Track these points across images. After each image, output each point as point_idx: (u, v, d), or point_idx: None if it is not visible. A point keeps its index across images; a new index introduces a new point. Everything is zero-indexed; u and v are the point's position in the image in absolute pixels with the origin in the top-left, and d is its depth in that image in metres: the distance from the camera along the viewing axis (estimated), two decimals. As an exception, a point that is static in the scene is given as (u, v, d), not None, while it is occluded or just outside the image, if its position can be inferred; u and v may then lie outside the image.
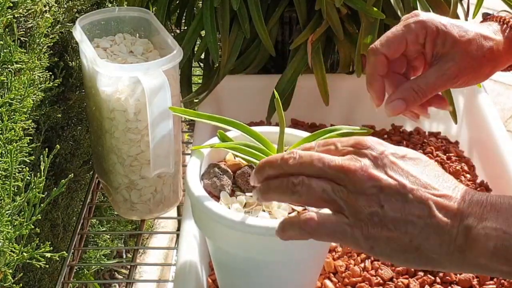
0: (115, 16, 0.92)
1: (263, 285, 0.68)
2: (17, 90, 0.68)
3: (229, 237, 0.63)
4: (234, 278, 0.69)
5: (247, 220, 0.60)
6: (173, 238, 1.73)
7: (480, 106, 0.98)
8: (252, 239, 0.61)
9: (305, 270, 0.69)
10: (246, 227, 0.60)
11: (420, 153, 0.96)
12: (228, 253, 0.67)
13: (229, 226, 0.61)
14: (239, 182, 0.66)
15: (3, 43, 0.69)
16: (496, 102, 2.31)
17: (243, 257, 0.65)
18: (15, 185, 0.63)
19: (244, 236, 0.61)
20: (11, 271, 0.63)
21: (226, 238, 0.64)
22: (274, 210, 0.63)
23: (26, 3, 0.76)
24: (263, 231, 0.60)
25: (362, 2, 0.91)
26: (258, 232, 0.60)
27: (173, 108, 0.73)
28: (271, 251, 0.63)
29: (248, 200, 0.64)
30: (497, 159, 0.88)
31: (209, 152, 0.69)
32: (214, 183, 0.65)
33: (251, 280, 0.68)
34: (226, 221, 0.61)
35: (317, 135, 0.66)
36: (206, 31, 0.94)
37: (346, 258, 0.81)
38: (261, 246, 0.62)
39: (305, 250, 0.64)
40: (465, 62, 0.68)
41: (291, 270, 0.67)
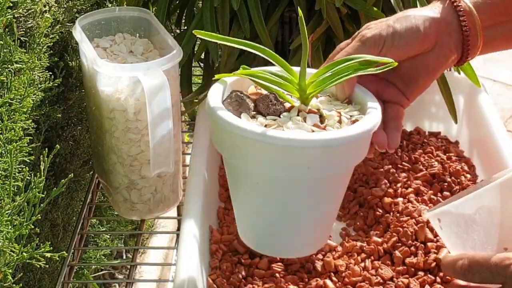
0: (115, 16, 0.92)
1: (282, 207, 0.65)
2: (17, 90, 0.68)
3: (251, 152, 0.61)
4: (252, 202, 0.67)
5: (268, 132, 0.59)
6: (173, 238, 1.72)
7: (480, 106, 0.98)
8: (272, 151, 0.60)
9: (328, 192, 0.66)
10: (267, 138, 0.58)
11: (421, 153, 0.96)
12: (249, 172, 0.64)
13: (250, 138, 0.59)
14: (260, 106, 0.64)
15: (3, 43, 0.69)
16: (496, 102, 2.31)
17: (264, 174, 0.63)
18: (15, 185, 0.63)
19: (266, 149, 0.60)
20: (11, 271, 0.63)
21: (247, 153, 0.62)
22: (293, 130, 0.62)
23: (26, 3, 0.76)
24: (285, 142, 0.58)
25: (362, 2, 0.91)
26: (279, 143, 0.58)
27: (197, 32, 0.69)
28: (292, 166, 0.61)
29: (269, 122, 0.63)
30: (497, 159, 0.88)
31: (231, 82, 0.67)
32: (236, 106, 0.64)
33: (269, 203, 0.66)
34: (246, 132, 0.59)
35: (337, 63, 0.65)
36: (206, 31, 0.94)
37: (347, 258, 0.81)
38: (283, 160, 0.61)
39: (328, 168, 0.62)
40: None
41: (312, 190, 0.64)
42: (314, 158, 0.60)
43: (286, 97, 0.65)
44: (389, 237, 0.82)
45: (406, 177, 0.92)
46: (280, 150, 0.59)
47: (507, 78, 2.45)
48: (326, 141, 0.59)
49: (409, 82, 0.69)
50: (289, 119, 0.63)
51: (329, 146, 0.59)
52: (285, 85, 0.65)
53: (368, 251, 0.81)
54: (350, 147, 0.61)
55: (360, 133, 0.60)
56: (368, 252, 0.81)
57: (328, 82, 0.64)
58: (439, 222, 0.68)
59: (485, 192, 0.65)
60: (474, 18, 0.67)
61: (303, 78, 0.65)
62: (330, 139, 0.59)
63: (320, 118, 0.64)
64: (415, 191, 0.89)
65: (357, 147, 0.62)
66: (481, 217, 0.65)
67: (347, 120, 0.63)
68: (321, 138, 0.59)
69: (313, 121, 0.62)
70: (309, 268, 0.80)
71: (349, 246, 0.82)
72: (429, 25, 0.67)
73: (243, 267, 0.80)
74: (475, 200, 0.65)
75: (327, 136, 0.60)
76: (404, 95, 0.69)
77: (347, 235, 0.86)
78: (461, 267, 0.64)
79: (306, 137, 0.59)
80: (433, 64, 0.68)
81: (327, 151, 0.60)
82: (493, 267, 0.62)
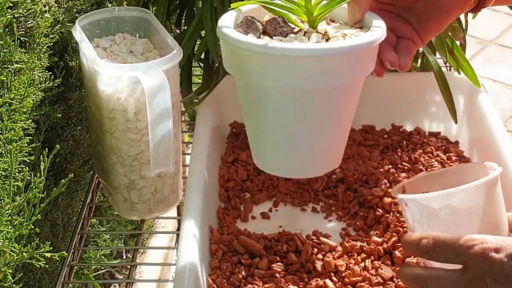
0: (115, 16, 0.92)
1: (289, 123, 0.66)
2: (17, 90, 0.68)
3: (251, 64, 0.63)
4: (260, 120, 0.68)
5: (264, 42, 0.61)
6: (173, 238, 1.72)
7: (480, 106, 0.98)
8: (270, 61, 0.61)
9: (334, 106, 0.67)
10: (263, 48, 0.60)
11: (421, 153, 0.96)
12: (258, 88, 0.65)
13: (249, 49, 0.61)
14: (268, 28, 0.65)
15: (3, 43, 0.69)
16: (496, 102, 2.31)
17: (266, 87, 0.64)
18: (15, 185, 0.63)
19: (263, 59, 0.61)
20: (11, 271, 0.63)
21: (249, 66, 0.63)
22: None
23: (26, 3, 0.76)
24: (280, 52, 0.60)
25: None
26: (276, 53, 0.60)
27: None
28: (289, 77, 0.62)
29: (274, 40, 0.64)
30: (497, 159, 0.88)
31: (246, 11, 0.68)
32: (245, 27, 0.65)
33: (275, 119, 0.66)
34: (245, 44, 0.61)
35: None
36: (206, 31, 0.94)
37: (347, 258, 0.81)
38: (280, 71, 0.62)
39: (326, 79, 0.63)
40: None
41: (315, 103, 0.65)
42: (310, 68, 0.61)
43: (295, 22, 0.66)
44: (389, 237, 0.82)
45: (406, 177, 0.92)
46: (277, 60, 0.61)
47: (507, 78, 2.45)
48: (321, 51, 0.60)
49: (424, 21, 0.69)
50: (295, 39, 0.64)
51: (324, 55, 0.60)
52: (294, 10, 0.66)
53: (368, 251, 0.81)
54: (348, 58, 0.62)
55: (357, 44, 0.61)
56: (368, 252, 0.81)
57: (335, 2, 0.64)
58: (405, 206, 0.69)
59: (454, 193, 0.66)
60: None
61: (309, 0, 0.65)
62: (325, 48, 0.60)
63: (326, 39, 0.64)
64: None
65: (356, 58, 0.63)
66: (445, 214, 0.66)
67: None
68: (315, 47, 0.60)
69: (315, 40, 0.63)
70: (309, 268, 0.80)
71: (349, 246, 0.82)
72: None
73: (243, 267, 0.80)
74: (443, 197, 0.66)
75: (323, 46, 0.60)
76: (418, 34, 0.69)
77: (347, 235, 0.86)
78: (425, 245, 0.64)
79: (301, 47, 0.60)
80: (448, 5, 0.68)
81: (323, 61, 0.60)
82: (457, 247, 0.62)
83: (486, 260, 0.60)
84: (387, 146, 1.00)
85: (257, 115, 0.67)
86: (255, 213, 0.91)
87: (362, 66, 0.64)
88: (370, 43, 0.62)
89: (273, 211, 0.92)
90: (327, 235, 0.86)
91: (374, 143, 1.00)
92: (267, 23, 0.66)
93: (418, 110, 1.04)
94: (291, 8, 0.66)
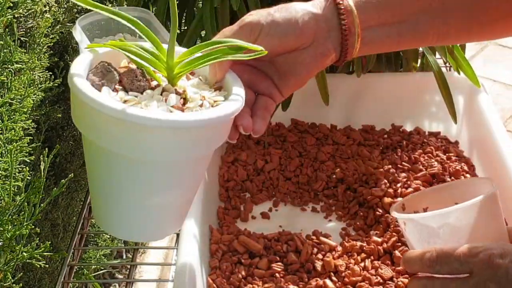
0: (115, 16, 0.92)
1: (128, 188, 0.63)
2: (17, 90, 0.68)
3: (91, 120, 0.59)
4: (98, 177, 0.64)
5: (107, 102, 0.56)
6: (173, 238, 1.72)
7: (480, 106, 0.98)
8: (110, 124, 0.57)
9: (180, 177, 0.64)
10: (104, 108, 0.56)
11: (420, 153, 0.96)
12: (106, 152, 0.61)
13: (90, 105, 0.56)
14: (124, 80, 0.62)
15: (3, 43, 0.69)
16: (496, 102, 2.31)
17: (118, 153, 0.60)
18: (15, 185, 0.63)
19: (102, 119, 0.57)
20: (11, 271, 0.63)
21: (103, 129, 0.59)
22: (152, 109, 0.59)
23: (26, 3, 0.76)
24: (119, 115, 0.56)
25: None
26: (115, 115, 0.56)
27: None
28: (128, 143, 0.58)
29: (129, 97, 0.60)
30: (497, 159, 0.88)
31: (103, 53, 0.64)
32: (100, 77, 0.61)
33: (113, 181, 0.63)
34: (87, 98, 0.56)
35: (209, 44, 0.63)
36: (206, 31, 0.94)
37: (346, 258, 0.81)
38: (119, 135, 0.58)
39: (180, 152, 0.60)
40: None
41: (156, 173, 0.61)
42: (151, 138, 0.57)
43: (154, 75, 0.63)
44: (389, 237, 0.82)
45: (406, 177, 0.92)
46: (115, 122, 0.57)
47: (507, 78, 2.45)
48: (175, 123, 0.56)
49: (284, 77, 0.68)
50: (152, 97, 0.61)
51: (178, 128, 0.57)
52: (154, 62, 0.63)
53: (368, 251, 0.81)
54: (204, 131, 0.59)
55: (214, 118, 0.58)
56: (368, 252, 0.81)
57: (196, 63, 0.62)
58: (404, 225, 0.70)
59: (452, 212, 0.67)
60: (354, 17, 0.67)
61: (171, 57, 0.63)
62: (180, 121, 0.57)
63: (184, 100, 0.61)
64: (415, 191, 0.89)
65: (212, 131, 0.61)
66: (444, 232, 0.67)
67: (208, 105, 0.61)
68: (170, 119, 0.56)
69: (173, 102, 0.60)
70: (309, 268, 0.80)
71: (349, 246, 0.82)
72: (308, 19, 0.66)
73: (243, 267, 0.80)
74: (441, 216, 0.67)
75: (177, 118, 0.57)
76: (278, 89, 0.68)
77: (347, 235, 0.86)
78: (428, 259, 0.65)
79: (157, 116, 0.56)
80: (309, 61, 0.67)
81: (177, 133, 0.57)
82: (462, 257, 0.62)
83: (491, 266, 0.60)
84: (387, 146, 1.00)
85: (101, 173, 0.63)
86: (255, 213, 0.91)
87: (217, 138, 0.62)
88: (226, 116, 0.60)
89: (273, 211, 0.92)
90: (327, 235, 0.86)
91: (374, 143, 1.00)
92: (124, 75, 0.62)
93: (418, 110, 1.04)
94: (151, 60, 0.63)
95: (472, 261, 0.61)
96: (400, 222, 0.72)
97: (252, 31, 0.65)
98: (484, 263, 0.61)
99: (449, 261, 0.63)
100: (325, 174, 0.94)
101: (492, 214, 0.67)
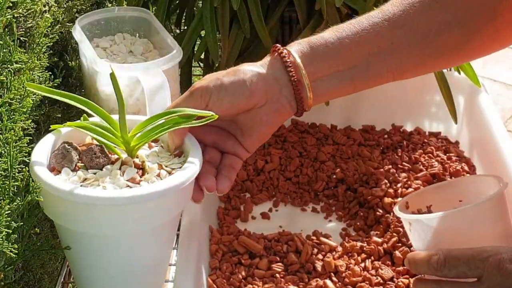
0: (115, 16, 0.91)
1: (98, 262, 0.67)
2: (16, 90, 0.68)
3: (61, 208, 0.63)
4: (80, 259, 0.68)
5: (74, 189, 0.60)
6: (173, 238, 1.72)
7: (480, 106, 0.98)
8: (78, 209, 0.62)
9: (143, 246, 0.68)
10: (69, 195, 0.60)
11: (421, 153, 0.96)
12: (64, 229, 0.66)
13: (55, 194, 0.61)
14: (84, 159, 0.66)
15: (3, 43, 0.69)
16: (496, 102, 2.31)
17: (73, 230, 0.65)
18: (15, 185, 0.63)
19: (71, 206, 0.62)
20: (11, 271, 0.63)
21: (59, 210, 0.64)
22: (108, 185, 0.63)
23: (26, 3, 0.76)
24: (88, 200, 0.60)
25: (362, 2, 0.91)
26: (84, 201, 0.60)
27: (28, 84, 0.69)
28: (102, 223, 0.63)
29: (88, 175, 0.64)
30: (498, 159, 0.88)
31: (68, 133, 0.69)
32: (60, 158, 0.65)
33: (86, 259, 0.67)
34: (52, 189, 0.61)
35: (160, 115, 0.66)
36: (206, 31, 0.94)
37: (347, 258, 0.81)
38: (92, 218, 0.62)
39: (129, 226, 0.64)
40: None
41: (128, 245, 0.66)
42: (103, 215, 0.62)
43: (114, 149, 0.67)
44: (389, 237, 0.82)
45: (407, 177, 0.92)
46: (67, 203, 0.61)
47: (507, 78, 2.45)
48: (108, 199, 0.60)
49: (246, 134, 0.70)
50: (110, 172, 0.64)
51: (112, 204, 0.61)
52: (112, 138, 0.66)
53: (368, 251, 0.81)
54: (159, 202, 0.62)
55: (166, 188, 0.62)
56: (368, 252, 0.81)
57: (151, 135, 0.66)
58: (409, 225, 0.69)
59: (459, 212, 0.66)
60: (301, 71, 0.68)
61: (124, 132, 0.66)
62: (112, 197, 0.60)
63: (143, 170, 0.65)
64: (415, 191, 0.89)
65: (169, 200, 0.64)
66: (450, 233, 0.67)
67: (165, 174, 0.65)
68: (103, 196, 0.60)
69: (129, 176, 0.64)
70: (309, 268, 0.80)
71: (349, 246, 0.82)
72: (256, 81, 0.68)
73: (243, 267, 0.80)
74: (448, 217, 0.66)
75: (111, 194, 0.61)
76: (243, 146, 0.70)
77: (347, 235, 0.86)
78: (436, 261, 0.64)
79: (105, 195, 0.60)
80: (266, 119, 0.69)
81: (111, 209, 0.61)
82: (471, 260, 0.62)
83: (501, 271, 0.60)
84: (387, 146, 1.00)
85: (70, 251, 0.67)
86: (255, 213, 0.91)
87: (176, 204, 0.66)
88: (180, 185, 0.63)
89: (273, 211, 0.92)
90: (327, 235, 0.86)
91: (374, 143, 1.00)
92: (84, 153, 0.66)
93: (418, 110, 1.04)
94: (109, 136, 0.66)
95: (482, 266, 0.61)
96: (404, 222, 0.71)
97: (202, 97, 0.67)
98: (494, 267, 0.60)
99: (458, 264, 0.63)
100: (325, 174, 0.94)
101: (499, 214, 0.67)
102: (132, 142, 0.66)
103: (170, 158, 0.67)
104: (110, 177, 0.64)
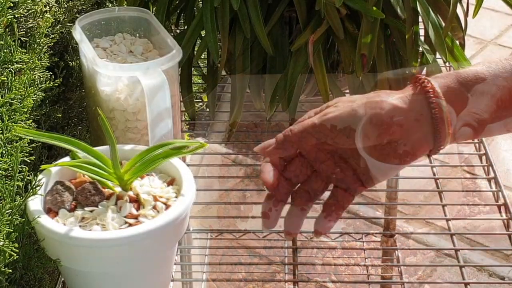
0: (115, 16, 0.92)
1: None
2: (17, 90, 0.68)
3: (63, 251, 0.65)
4: None
5: (71, 232, 0.62)
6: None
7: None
8: (80, 251, 0.63)
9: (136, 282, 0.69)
10: (69, 239, 0.62)
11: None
12: (73, 271, 0.68)
13: (56, 238, 0.62)
14: (79, 198, 0.67)
15: (4, 43, 0.69)
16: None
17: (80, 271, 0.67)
18: (15, 185, 0.63)
19: (73, 249, 0.63)
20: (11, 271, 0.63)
21: (60, 252, 0.65)
22: (107, 223, 0.64)
23: (27, 3, 0.76)
24: (87, 242, 0.62)
25: (362, 2, 0.91)
26: (82, 243, 0.62)
27: (17, 130, 0.69)
28: (103, 262, 0.64)
29: (85, 214, 0.65)
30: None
31: (59, 170, 0.70)
32: (55, 199, 0.66)
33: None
34: (51, 233, 0.62)
35: (151, 150, 0.68)
36: (206, 31, 0.94)
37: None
38: (92, 257, 0.64)
39: (132, 262, 0.65)
40: None
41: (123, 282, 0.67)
42: (96, 254, 0.63)
43: (108, 184, 0.68)
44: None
45: (406, 177, 0.92)
46: (65, 246, 0.63)
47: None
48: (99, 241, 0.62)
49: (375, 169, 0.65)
50: (106, 209, 0.65)
51: (115, 245, 0.62)
52: (105, 175, 0.67)
53: (368, 251, 0.81)
54: (155, 238, 0.63)
55: (160, 226, 0.62)
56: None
57: (144, 170, 0.67)
58: None
59: None
60: (443, 107, 0.61)
61: (117, 168, 0.67)
62: (102, 239, 0.62)
63: (138, 204, 0.66)
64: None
65: (165, 234, 0.65)
66: None
67: (161, 206, 0.66)
68: (113, 237, 0.62)
69: (126, 211, 0.65)
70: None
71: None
72: None
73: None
74: None
75: (121, 234, 0.62)
76: (362, 181, 0.66)
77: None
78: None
79: (101, 236, 0.62)
80: (400, 154, 0.63)
81: (114, 249, 0.63)
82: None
83: None
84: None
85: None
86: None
87: (172, 236, 0.66)
88: (178, 218, 0.64)
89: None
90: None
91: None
92: (78, 193, 0.67)
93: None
94: (102, 173, 0.67)
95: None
96: None
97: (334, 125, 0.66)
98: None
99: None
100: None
101: None
102: (126, 176, 0.67)
103: (164, 187, 0.68)
104: (108, 215, 0.64)
